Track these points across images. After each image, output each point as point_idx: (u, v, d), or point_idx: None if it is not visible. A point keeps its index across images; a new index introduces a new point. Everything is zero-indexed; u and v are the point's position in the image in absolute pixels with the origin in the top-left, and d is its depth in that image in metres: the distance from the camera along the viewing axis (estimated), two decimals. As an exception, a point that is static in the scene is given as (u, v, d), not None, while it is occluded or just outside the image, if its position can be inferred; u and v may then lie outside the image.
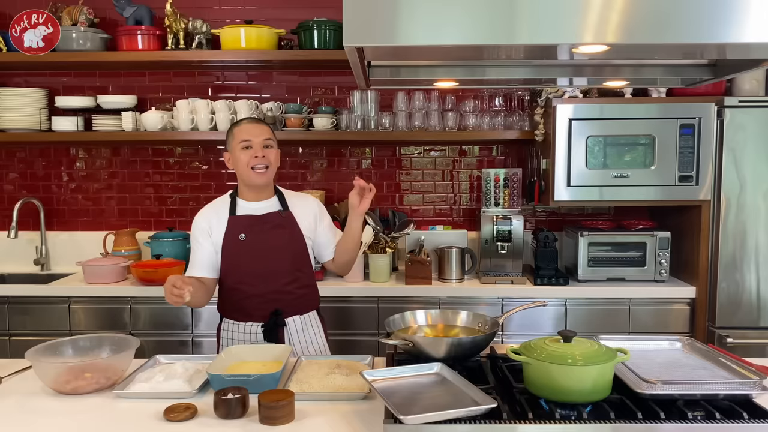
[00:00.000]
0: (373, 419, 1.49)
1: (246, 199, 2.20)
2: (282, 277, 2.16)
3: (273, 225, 2.17)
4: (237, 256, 2.14)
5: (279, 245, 2.16)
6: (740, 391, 1.47)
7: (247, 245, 2.13)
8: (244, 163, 2.12)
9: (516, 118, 3.29)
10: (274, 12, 3.46)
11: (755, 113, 2.89)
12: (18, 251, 3.56)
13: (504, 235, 3.17)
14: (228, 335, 2.20)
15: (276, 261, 2.15)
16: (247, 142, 2.11)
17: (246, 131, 2.13)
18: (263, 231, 2.15)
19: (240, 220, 2.16)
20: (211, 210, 2.22)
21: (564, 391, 1.43)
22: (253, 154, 2.11)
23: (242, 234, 2.13)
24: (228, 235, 2.14)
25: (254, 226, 2.15)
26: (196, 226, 2.20)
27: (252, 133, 2.12)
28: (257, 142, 2.12)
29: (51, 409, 1.59)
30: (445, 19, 1.29)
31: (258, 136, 2.12)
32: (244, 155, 2.12)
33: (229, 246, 2.14)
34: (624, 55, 1.73)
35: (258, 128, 2.15)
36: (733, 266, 2.93)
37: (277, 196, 2.24)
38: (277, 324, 2.13)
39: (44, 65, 3.43)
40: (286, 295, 2.16)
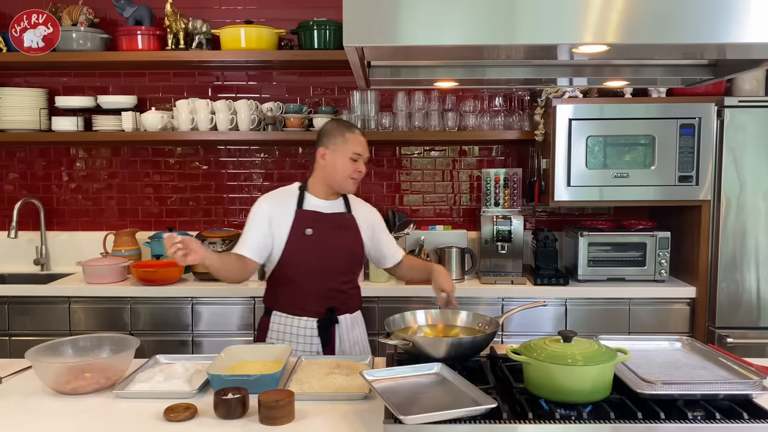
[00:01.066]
0: (373, 419, 1.49)
1: (317, 195, 2.23)
2: (339, 276, 2.21)
3: (338, 225, 2.21)
4: (301, 250, 2.16)
5: (341, 245, 2.21)
6: (740, 391, 1.47)
7: (312, 240, 2.16)
8: (347, 172, 2.17)
9: (516, 118, 3.29)
10: (274, 12, 3.46)
11: (755, 113, 2.89)
12: (18, 251, 3.56)
13: (504, 235, 3.17)
14: (279, 328, 2.20)
15: (336, 260, 2.20)
16: (358, 156, 2.18)
17: (361, 144, 2.20)
18: (328, 229, 2.19)
19: (307, 215, 2.18)
20: (278, 198, 2.23)
21: (564, 391, 1.43)
22: (357, 168, 2.18)
23: (309, 229, 2.16)
24: (294, 228, 2.16)
25: (320, 222, 2.18)
26: (260, 208, 2.19)
27: (364, 148, 2.21)
28: (365, 158, 2.21)
29: (51, 409, 1.59)
30: (445, 19, 1.29)
31: (366, 152, 2.22)
32: (350, 165, 2.17)
33: (295, 239, 2.16)
34: (624, 55, 1.73)
35: (366, 144, 2.23)
36: (733, 266, 2.93)
37: (343, 199, 2.28)
38: (331, 321, 2.17)
39: (44, 65, 3.43)
40: (340, 294, 2.21)
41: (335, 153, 2.18)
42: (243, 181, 3.61)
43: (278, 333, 2.20)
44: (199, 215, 3.63)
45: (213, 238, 3.16)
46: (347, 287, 2.25)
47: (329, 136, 2.21)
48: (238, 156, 3.60)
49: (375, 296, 3.01)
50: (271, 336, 2.21)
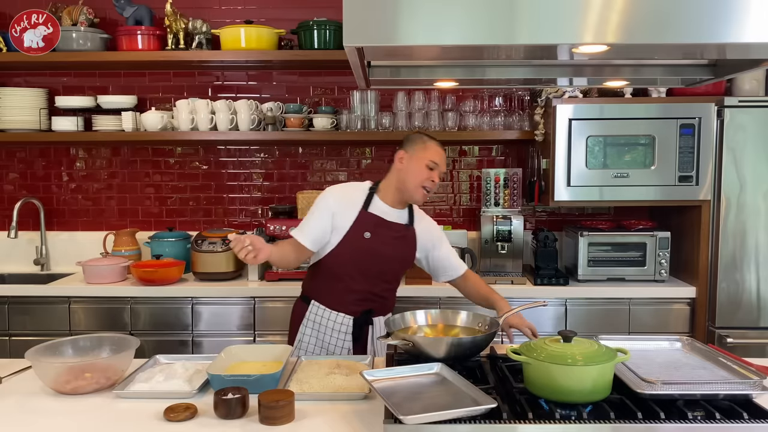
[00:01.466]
0: (373, 419, 1.49)
1: (385, 201, 2.21)
2: (383, 283, 2.23)
3: (396, 235, 2.20)
4: (355, 251, 2.16)
5: (394, 255, 2.21)
6: (740, 391, 1.47)
7: (368, 244, 2.15)
8: (419, 180, 2.14)
9: (516, 118, 3.29)
10: (274, 12, 3.46)
11: (755, 113, 2.89)
12: (18, 251, 3.56)
13: (504, 235, 3.17)
14: (315, 319, 2.22)
15: (386, 267, 2.21)
16: (436, 165, 2.15)
17: (439, 155, 2.17)
18: (386, 237, 2.18)
19: (369, 218, 2.18)
20: (347, 194, 2.23)
21: (564, 391, 1.43)
22: (431, 177, 2.15)
23: (368, 233, 2.15)
24: (354, 228, 2.15)
25: (380, 228, 2.17)
26: (326, 200, 2.19)
27: (442, 160, 2.18)
28: (441, 170, 2.17)
29: (51, 409, 1.59)
30: (445, 19, 1.30)
31: (443, 166, 2.18)
32: (425, 172, 2.14)
33: (352, 239, 2.15)
34: (624, 55, 1.73)
35: (444, 157, 2.21)
36: (733, 266, 2.93)
37: (408, 210, 2.27)
38: (366, 321, 2.19)
39: (44, 65, 3.43)
40: (379, 298, 2.22)
41: (412, 158, 2.16)
42: (243, 181, 3.61)
43: (313, 323, 2.22)
44: (199, 215, 3.63)
45: (213, 238, 3.16)
46: (388, 294, 2.27)
47: (411, 142, 2.21)
48: (238, 156, 3.60)
49: (375, 296, 3.00)
50: (305, 324, 2.23)
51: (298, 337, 2.24)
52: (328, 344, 2.19)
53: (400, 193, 2.20)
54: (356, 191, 2.23)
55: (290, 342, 2.29)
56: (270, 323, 3.02)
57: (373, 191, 2.23)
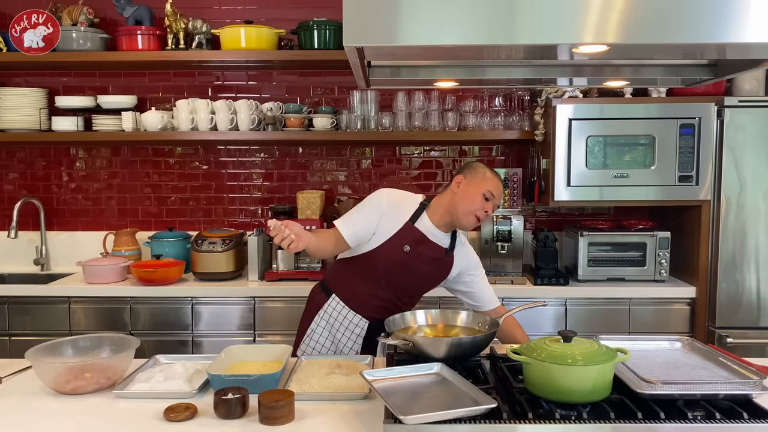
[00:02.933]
0: (373, 419, 1.49)
1: (432, 219, 2.17)
2: (407, 298, 2.23)
3: (434, 256, 2.17)
4: (390, 259, 2.13)
5: (427, 275, 2.20)
6: (740, 391, 1.47)
7: (405, 257, 2.13)
8: (473, 207, 2.10)
9: (516, 118, 3.29)
10: (274, 12, 3.46)
11: (755, 113, 2.89)
12: (18, 251, 3.56)
13: (504, 235, 3.17)
14: (333, 313, 2.20)
15: (415, 284, 2.21)
16: (492, 197, 2.12)
17: (497, 188, 2.14)
18: (424, 255, 2.15)
19: (413, 232, 2.15)
20: (400, 201, 2.20)
21: (564, 391, 1.43)
22: (485, 207, 2.11)
23: (408, 246, 2.13)
24: (397, 237, 2.13)
25: (420, 245, 2.15)
26: (380, 200, 2.17)
27: (499, 193, 2.15)
28: (496, 202, 2.15)
29: (51, 409, 1.59)
30: (445, 19, 1.29)
31: (499, 198, 2.15)
32: (480, 203, 2.11)
33: (392, 247, 2.13)
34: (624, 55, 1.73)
35: (501, 193, 2.18)
36: (733, 266, 2.93)
37: (451, 236, 2.22)
38: (380, 329, 2.14)
39: (44, 65, 3.43)
40: (397, 309, 2.19)
41: (470, 184, 2.13)
42: (243, 181, 3.61)
43: (329, 316, 2.20)
44: (199, 215, 3.63)
45: (213, 238, 3.16)
46: (407, 307, 2.24)
47: (471, 169, 2.18)
48: (238, 156, 3.60)
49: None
50: (321, 316, 2.22)
51: (312, 327, 2.22)
52: (338, 341, 2.18)
53: (450, 216, 2.15)
54: (408, 201, 2.21)
55: (302, 327, 2.27)
56: (270, 323, 3.02)
57: (424, 206, 2.20)
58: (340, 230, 2.13)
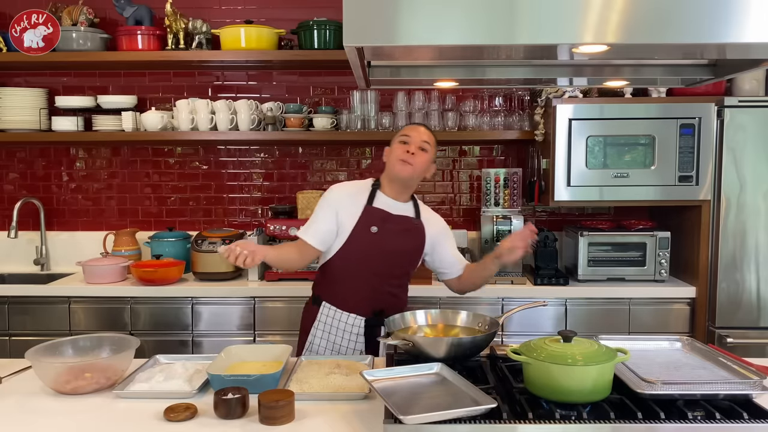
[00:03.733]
0: (373, 419, 1.49)
1: (386, 194, 2.21)
2: (392, 279, 2.21)
3: (404, 228, 2.18)
4: (363, 246, 2.14)
5: (403, 249, 2.19)
6: (740, 391, 1.47)
7: (375, 239, 2.14)
8: (395, 155, 2.15)
9: (516, 118, 3.29)
10: (274, 12, 3.46)
11: (755, 113, 2.88)
12: (18, 251, 3.56)
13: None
14: (327, 320, 2.19)
15: (395, 263, 2.19)
16: (406, 137, 2.16)
17: (411, 128, 2.19)
18: (393, 231, 2.16)
19: (375, 212, 2.16)
20: (351, 190, 2.22)
21: (564, 391, 1.43)
22: (405, 148, 2.14)
23: (374, 227, 2.14)
24: (360, 224, 2.14)
25: (387, 222, 2.16)
26: (331, 197, 2.20)
27: (415, 131, 2.18)
28: (416, 140, 2.15)
29: (51, 409, 1.59)
30: (445, 19, 1.29)
31: (418, 136, 2.16)
32: (398, 147, 2.15)
33: (359, 234, 2.14)
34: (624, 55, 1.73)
35: (423, 131, 2.19)
36: (733, 266, 2.93)
37: (413, 204, 2.26)
38: (378, 322, 2.15)
39: (44, 65, 3.43)
40: (390, 297, 2.20)
41: (391, 145, 2.21)
42: (243, 181, 3.61)
43: (325, 324, 2.19)
44: (199, 215, 3.63)
45: (213, 238, 3.16)
46: (398, 291, 2.25)
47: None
48: (238, 156, 3.60)
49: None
50: (317, 326, 2.21)
51: (309, 339, 2.21)
52: (339, 346, 2.17)
53: (390, 179, 2.20)
54: (360, 188, 2.23)
55: (300, 346, 2.25)
56: (270, 323, 3.02)
57: (376, 186, 2.23)
58: (302, 237, 2.16)
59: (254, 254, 1.94)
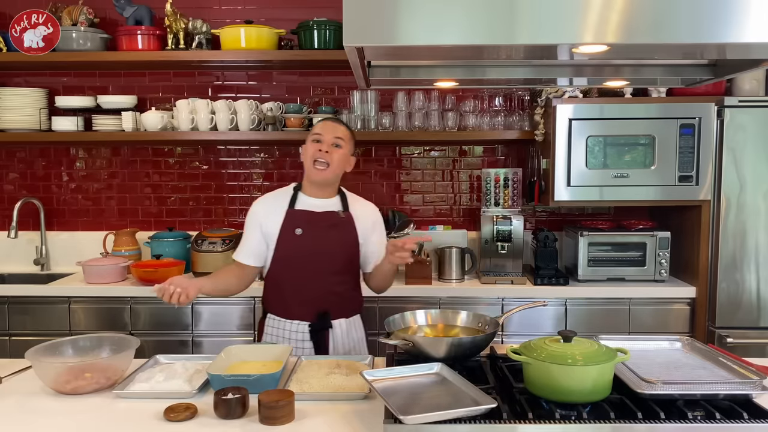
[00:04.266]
0: (373, 419, 1.49)
1: (308, 194, 2.19)
2: (331, 277, 2.15)
3: (330, 224, 2.15)
4: (291, 250, 2.13)
5: (334, 245, 2.14)
6: (740, 391, 1.47)
7: (302, 240, 2.12)
8: (310, 156, 2.12)
9: (516, 118, 3.29)
10: (274, 12, 3.46)
11: (755, 113, 2.89)
12: (18, 251, 3.56)
13: (504, 235, 3.17)
14: (273, 332, 2.18)
15: (329, 260, 2.14)
16: (318, 135, 2.13)
17: (322, 126, 2.16)
18: (320, 228, 2.14)
19: (298, 215, 2.15)
20: (271, 199, 2.22)
21: (564, 391, 1.43)
22: (319, 147, 2.11)
23: (299, 228, 2.12)
24: (284, 228, 2.13)
25: (311, 222, 2.14)
26: (252, 212, 2.20)
27: (326, 129, 2.14)
28: (328, 138, 2.12)
29: (51, 409, 1.59)
30: (445, 19, 1.29)
31: (330, 133, 2.13)
32: (312, 147, 2.12)
33: (284, 239, 2.13)
34: (624, 55, 1.73)
35: (334, 126, 2.16)
36: (733, 266, 2.93)
37: (340, 197, 2.23)
38: (323, 326, 2.12)
39: (44, 65, 3.43)
40: (333, 297, 2.16)
41: (305, 144, 2.17)
42: (243, 181, 3.61)
43: (272, 336, 2.18)
44: (199, 215, 3.63)
45: (213, 238, 3.16)
46: (342, 289, 2.18)
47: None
48: (238, 156, 3.60)
49: (375, 296, 2.99)
50: (266, 339, 2.20)
51: None
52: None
53: (309, 180, 2.17)
54: (281, 194, 2.22)
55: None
56: (270, 323, 3.01)
57: (298, 189, 2.21)
58: (236, 259, 2.18)
59: (187, 290, 1.91)
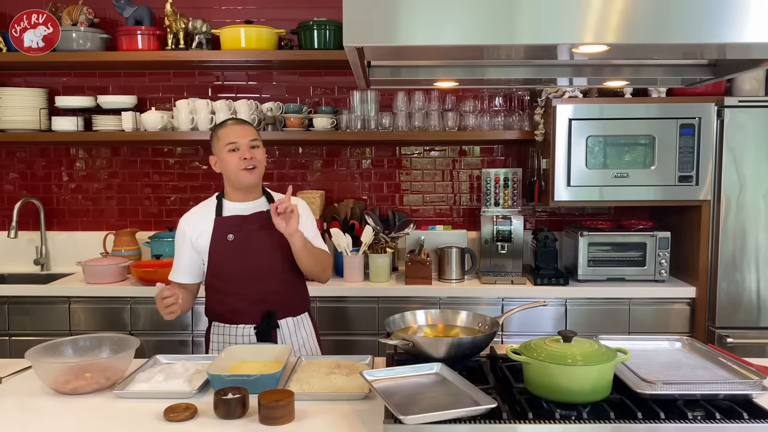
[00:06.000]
0: (373, 419, 1.49)
1: (233, 200, 2.17)
2: (272, 278, 2.13)
3: (261, 225, 2.12)
4: (225, 257, 2.11)
5: (268, 245, 2.11)
6: (740, 391, 1.47)
7: (235, 246, 2.10)
8: (233, 166, 2.07)
9: (516, 118, 3.29)
10: (274, 12, 3.46)
11: (755, 113, 2.88)
12: (18, 251, 3.56)
13: (504, 235, 3.17)
14: (218, 339, 2.17)
15: (265, 261, 2.12)
16: (233, 144, 2.07)
17: (232, 133, 2.09)
18: (251, 231, 2.12)
19: (227, 221, 2.13)
20: (196, 213, 2.20)
21: (564, 391, 1.43)
22: (240, 155, 2.07)
23: (230, 234, 2.10)
24: (215, 237, 2.11)
25: (242, 226, 2.12)
26: (179, 230, 2.19)
27: (238, 135, 2.08)
28: (243, 143, 2.08)
29: (51, 409, 1.59)
30: (445, 19, 1.29)
31: (244, 137, 2.08)
32: (232, 158, 2.07)
33: (217, 247, 2.11)
34: (624, 55, 1.73)
35: (243, 129, 2.11)
36: (733, 266, 2.93)
37: (265, 197, 2.21)
38: (270, 326, 2.11)
39: (44, 65, 3.43)
40: (276, 296, 2.13)
41: (218, 155, 2.12)
42: (243, 181, 3.60)
43: (219, 344, 2.16)
44: (199, 215, 3.62)
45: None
46: (283, 288, 2.15)
47: (211, 143, 2.16)
48: (238, 156, 3.60)
49: (375, 296, 3.01)
50: (212, 348, 2.18)
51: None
52: None
53: (234, 187, 2.14)
54: (205, 206, 2.20)
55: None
56: (270, 323, 3.01)
57: (221, 197, 2.19)
58: (173, 280, 2.19)
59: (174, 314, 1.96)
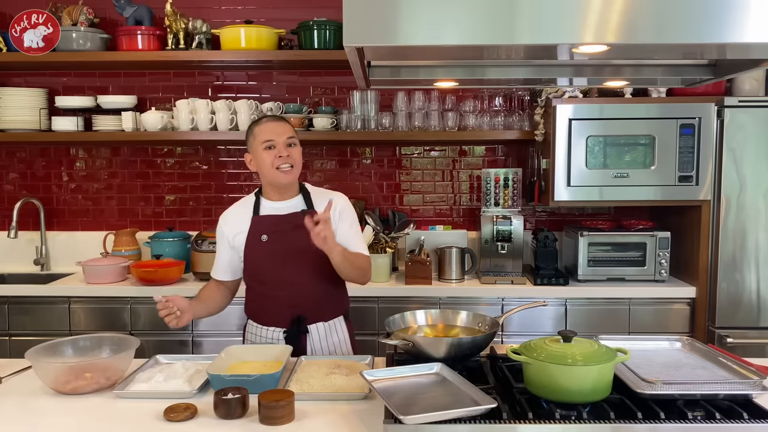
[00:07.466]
0: (373, 419, 1.49)
1: (270, 198, 2.14)
2: (304, 281, 2.08)
3: (296, 225, 2.03)
4: (258, 257, 2.09)
5: (302, 246, 2.01)
6: (740, 391, 1.47)
7: (268, 246, 2.07)
8: (269, 164, 2.04)
9: (516, 118, 3.29)
10: (274, 12, 3.46)
11: (755, 113, 2.89)
12: (18, 251, 3.56)
13: (504, 235, 3.17)
14: (251, 338, 2.17)
15: (298, 263, 2.07)
16: (269, 142, 2.03)
17: (268, 130, 2.05)
18: (286, 231, 2.07)
19: (263, 221, 2.11)
20: (235, 211, 2.19)
21: (564, 391, 1.43)
22: (276, 153, 2.03)
23: (264, 235, 2.08)
24: (251, 236, 2.10)
25: (277, 226, 2.09)
26: (218, 228, 2.19)
27: (275, 132, 2.04)
28: (280, 141, 2.04)
29: (51, 409, 1.59)
30: (445, 19, 1.29)
31: (281, 135, 2.04)
32: (268, 156, 2.03)
33: (252, 247, 2.10)
34: (624, 55, 1.73)
35: (280, 126, 2.07)
36: (733, 266, 2.93)
37: (303, 195, 2.16)
38: (299, 331, 2.08)
39: (44, 65, 3.43)
40: (306, 301, 2.08)
41: (254, 153, 2.09)
42: (243, 181, 3.61)
43: (250, 343, 2.17)
44: (199, 215, 3.62)
45: (213, 238, 3.15)
46: (320, 290, 2.10)
47: (247, 141, 2.14)
48: (238, 156, 3.60)
49: (375, 296, 3.01)
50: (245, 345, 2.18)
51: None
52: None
53: (271, 185, 2.11)
54: (244, 203, 2.19)
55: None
56: (270, 323, 3.01)
57: (259, 194, 2.17)
58: (213, 277, 2.20)
59: (181, 319, 1.93)
